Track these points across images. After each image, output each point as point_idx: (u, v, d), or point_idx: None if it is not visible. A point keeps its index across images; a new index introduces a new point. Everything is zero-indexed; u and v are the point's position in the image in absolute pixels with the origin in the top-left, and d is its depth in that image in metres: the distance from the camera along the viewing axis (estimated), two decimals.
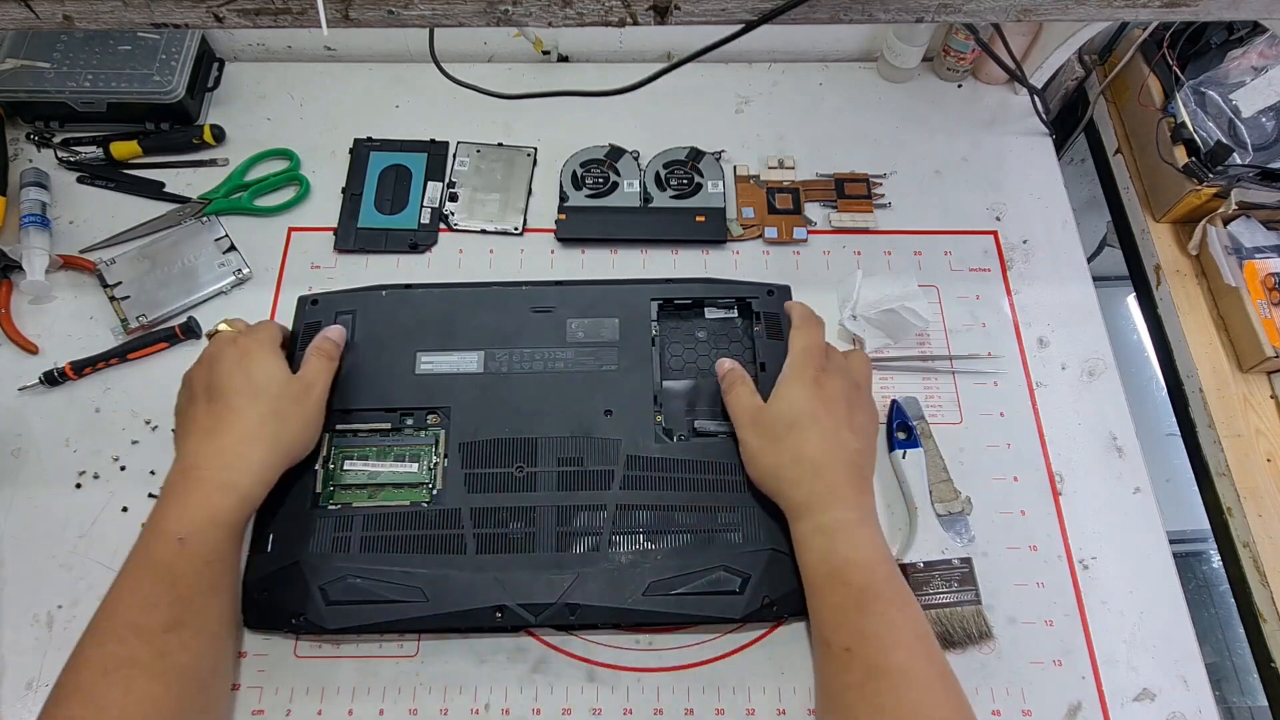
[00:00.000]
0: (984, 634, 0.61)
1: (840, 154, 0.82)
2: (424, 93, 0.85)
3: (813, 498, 0.56)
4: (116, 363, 0.70)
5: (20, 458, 0.67)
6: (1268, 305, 0.72)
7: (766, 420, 0.59)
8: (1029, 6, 0.47)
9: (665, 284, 0.69)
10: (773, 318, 0.67)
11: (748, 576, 0.58)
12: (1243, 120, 0.74)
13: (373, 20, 0.45)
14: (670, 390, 0.67)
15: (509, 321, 0.67)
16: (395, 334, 0.66)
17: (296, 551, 0.59)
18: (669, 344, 0.69)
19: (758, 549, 0.59)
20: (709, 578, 0.58)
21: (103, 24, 0.45)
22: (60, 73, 0.77)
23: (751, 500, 0.61)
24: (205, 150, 0.81)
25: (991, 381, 0.72)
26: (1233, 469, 0.69)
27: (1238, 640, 0.79)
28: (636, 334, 0.67)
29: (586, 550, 0.59)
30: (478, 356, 0.65)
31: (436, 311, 0.67)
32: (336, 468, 0.62)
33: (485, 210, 0.78)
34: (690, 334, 0.69)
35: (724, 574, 0.59)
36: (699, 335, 0.69)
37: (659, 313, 0.69)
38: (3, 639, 0.60)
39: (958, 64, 0.85)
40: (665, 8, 0.45)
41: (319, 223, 0.78)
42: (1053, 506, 0.67)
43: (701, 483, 0.62)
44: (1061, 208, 0.80)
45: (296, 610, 0.57)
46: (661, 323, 0.69)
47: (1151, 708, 0.60)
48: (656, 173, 0.80)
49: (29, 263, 0.71)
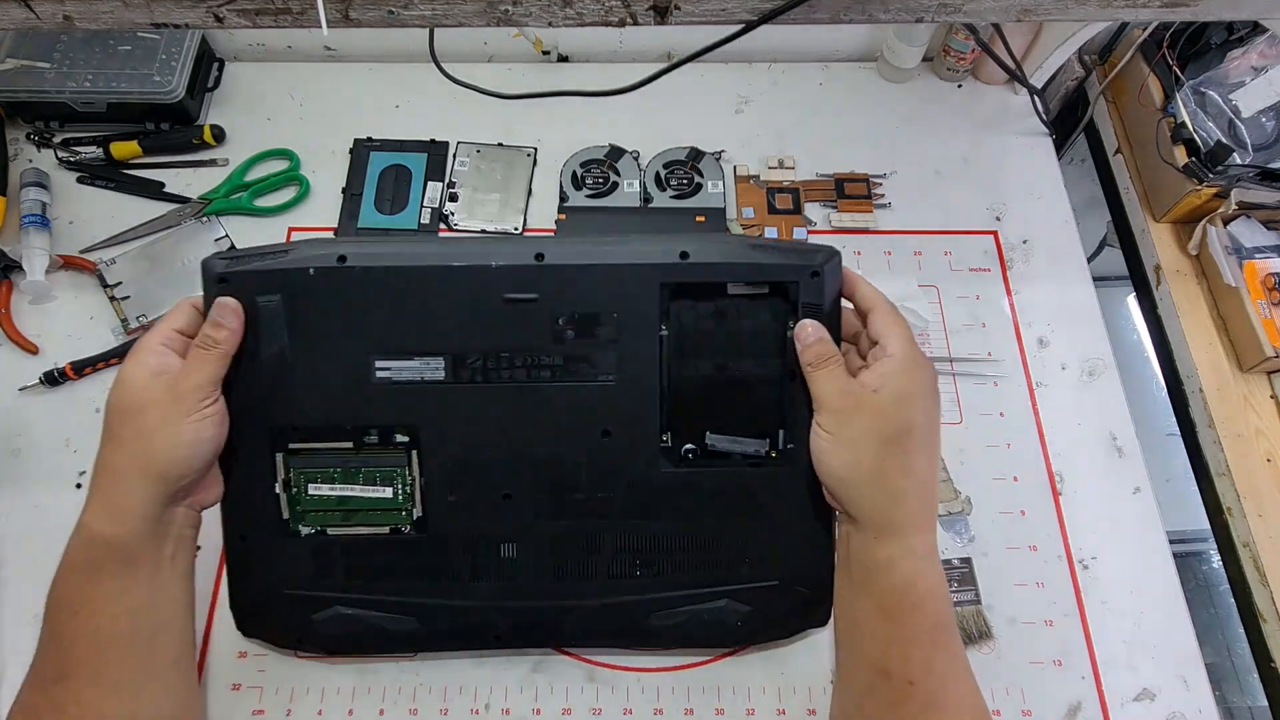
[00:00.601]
0: (983, 634, 0.61)
1: (840, 154, 0.82)
2: (424, 93, 0.85)
3: (910, 519, 0.49)
4: (116, 363, 0.70)
5: (20, 458, 0.67)
6: (1268, 305, 0.72)
7: (874, 414, 0.49)
8: (1029, 6, 0.47)
9: (675, 266, 0.53)
10: (815, 309, 0.52)
11: (752, 609, 0.56)
12: (1243, 120, 0.74)
13: (373, 20, 0.45)
14: (680, 392, 0.55)
15: (479, 314, 0.53)
16: (340, 329, 0.53)
17: (279, 581, 0.55)
18: (680, 329, 0.55)
19: (764, 583, 0.56)
20: (711, 607, 0.56)
21: (103, 24, 0.45)
22: (60, 73, 0.77)
23: (765, 529, 0.55)
24: (205, 150, 0.81)
25: (991, 381, 0.72)
26: (1233, 469, 0.69)
27: (1238, 640, 0.79)
28: (640, 332, 0.53)
29: (583, 579, 0.56)
30: (442, 362, 0.53)
31: (387, 299, 0.53)
32: (300, 491, 0.55)
33: (485, 210, 0.78)
34: (707, 316, 0.55)
35: (729, 605, 0.56)
36: (718, 319, 0.55)
37: (668, 294, 0.54)
38: (3, 639, 0.60)
39: (958, 64, 0.85)
40: (665, 8, 0.45)
41: (319, 223, 0.78)
42: (1053, 506, 0.67)
43: (710, 511, 0.55)
44: (1061, 208, 0.80)
45: (295, 635, 0.57)
46: (671, 303, 0.55)
47: (1151, 708, 0.60)
48: (656, 173, 0.80)
49: (29, 263, 0.71)
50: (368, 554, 0.55)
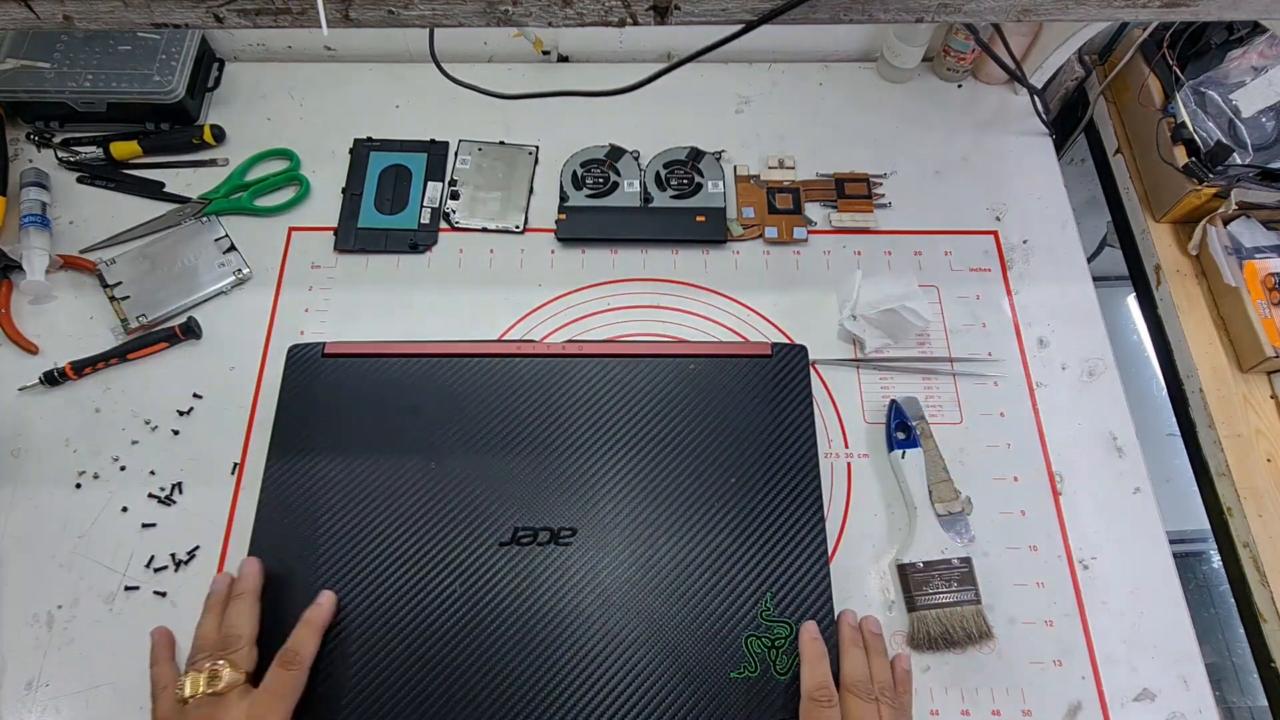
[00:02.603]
0: (984, 634, 0.61)
1: (840, 154, 0.82)
2: (424, 93, 0.85)
3: None
4: (116, 363, 0.70)
5: (20, 458, 0.66)
6: (1268, 305, 0.72)
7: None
8: (1029, 6, 0.47)
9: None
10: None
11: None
12: (1243, 120, 0.74)
13: (373, 20, 0.45)
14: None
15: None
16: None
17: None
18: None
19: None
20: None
21: (103, 24, 0.45)
22: (60, 73, 0.78)
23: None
24: (205, 150, 0.81)
25: (991, 382, 0.72)
26: (1233, 469, 0.69)
27: (1238, 640, 0.79)
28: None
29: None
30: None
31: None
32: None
33: (487, 208, 0.78)
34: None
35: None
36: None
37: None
38: (3, 639, 0.60)
39: (958, 64, 0.85)
40: (665, 8, 0.45)
41: (319, 222, 0.78)
42: (1053, 506, 0.67)
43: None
44: (1061, 208, 0.80)
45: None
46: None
47: (1151, 708, 0.60)
48: (657, 172, 0.80)
49: (29, 263, 0.71)
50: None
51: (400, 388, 0.65)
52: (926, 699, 0.59)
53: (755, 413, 0.65)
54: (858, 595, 0.63)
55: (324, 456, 0.62)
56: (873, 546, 0.65)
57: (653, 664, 0.56)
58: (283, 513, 0.61)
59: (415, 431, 0.63)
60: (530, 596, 0.58)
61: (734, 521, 0.61)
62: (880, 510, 0.66)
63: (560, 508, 0.61)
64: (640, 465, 0.63)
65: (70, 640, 0.60)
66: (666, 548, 0.60)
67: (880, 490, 0.67)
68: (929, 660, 0.61)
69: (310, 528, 0.60)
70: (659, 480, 0.62)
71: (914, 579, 0.61)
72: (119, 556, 0.63)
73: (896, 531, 0.65)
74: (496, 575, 0.59)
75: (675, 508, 0.61)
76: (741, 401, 0.65)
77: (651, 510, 0.61)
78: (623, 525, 0.61)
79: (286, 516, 0.61)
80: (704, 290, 0.75)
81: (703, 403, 0.66)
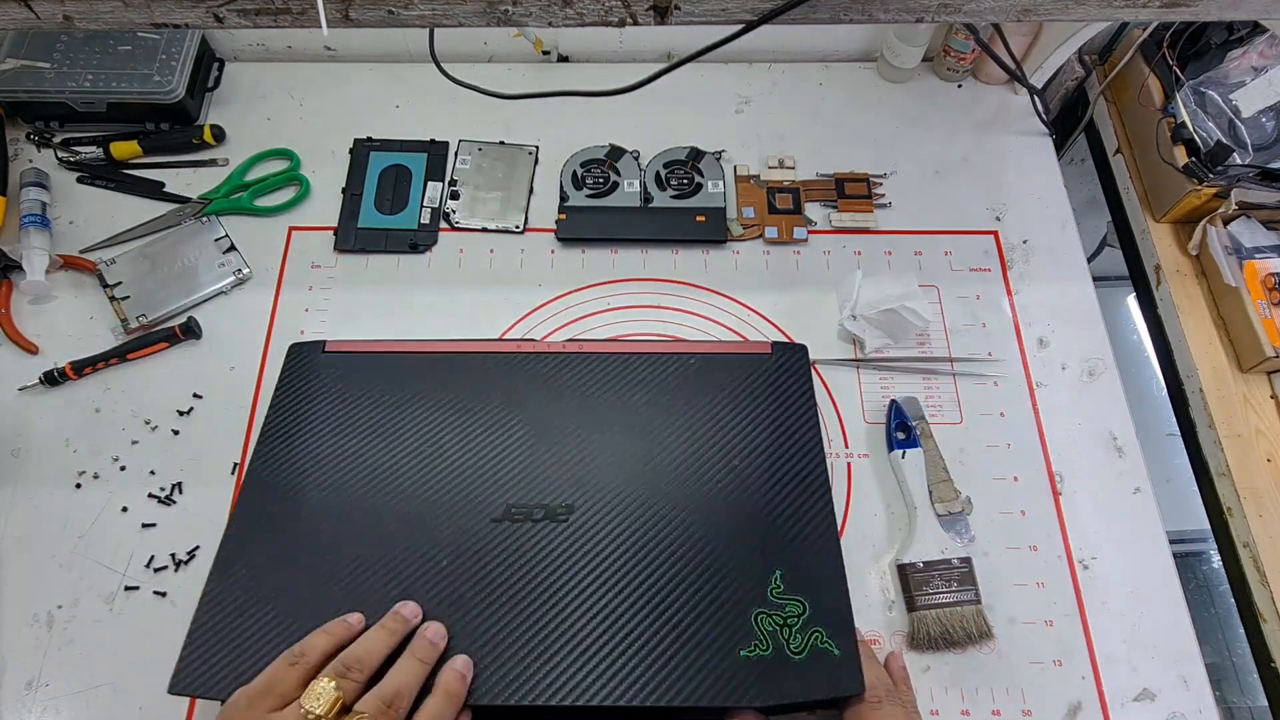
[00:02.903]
0: (984, 634, 0.61)
1: (840, 154, 0.82)
2: (424, 93, 0.85)
3: None
4: (116, 363, 0.70)
5: (20, 458, 0.67)
6: (1268, 305, 0.72)
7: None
8: (1029, 6, 0.47)
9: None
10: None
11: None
12: (1243, 120, 0.74)
13: (373, 20, 0.45)
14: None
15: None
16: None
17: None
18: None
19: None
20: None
21: (103, 24, 0.45)
22: (60, 73, 0.78)
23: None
24: (205, 150, 0.81)
25: (991, 382, 0.72)
26: (1233, 469, 0.69)
27: (1238, 640, 0.79)
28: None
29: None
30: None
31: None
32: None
33: (487, 208, 0.78)
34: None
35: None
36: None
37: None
38: (3, 639, 0.60)
39: (958, 64, 0.85)
40: (665, 8, 0.45)
41: (319, 222, 0.78)
42: (1053, 506, 0.67)
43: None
44: (1061, 208, 0.80)
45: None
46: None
47: (1151, 708, 0.60)
48: (657, 172, 0.80)
49: (29, 263, 0.71)
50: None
51: (399, 382, 0.65)
52: (927, 699, 0.59)
53: (758, 402, 0.65)
54: (858, 595, 0.63)
55: (314, 443, 0.62)
56: (873, 546, 0.65)
57: (655, 640, 0.55)
58: (265, 492, 0.60)
59: (411, 421, 0.64)
60: (524, 572, 0.57)
61: (738, 501, 0.60)
62: (880, 510, 0.66)
63: (558, 487, 0.61)
64: (640, 448, 0.63)
65: (70, 640, 0.60)
66: (668, 525, 0.59)
67: (880, 490, 0.67)
68: (929, 660, 0.61)
69: (295, 505, 0.59)
70: (660, 462, 0.62)
71: (914, 579, 0.61)
72: (119, 556, 0.63)
73: (896, 531, 0.65)
74: (488, 550, 0.58)
75: (677, 487, 0.61)
76: (744, 393, 0.65)
77: (652, 489, 0.61)
78: (621, 503, 0.60)
79: (269, 496, 0.60)
80: (704, 290, 0.75)
81: (704, 394, 0.65)
